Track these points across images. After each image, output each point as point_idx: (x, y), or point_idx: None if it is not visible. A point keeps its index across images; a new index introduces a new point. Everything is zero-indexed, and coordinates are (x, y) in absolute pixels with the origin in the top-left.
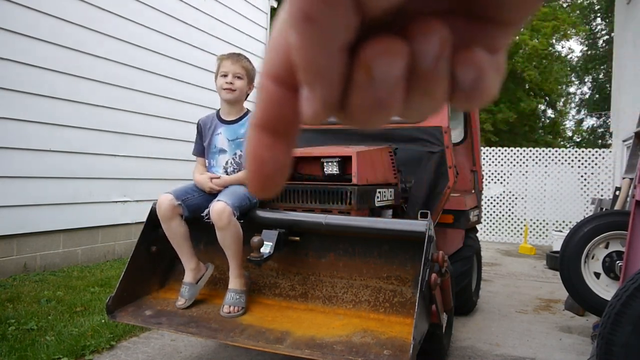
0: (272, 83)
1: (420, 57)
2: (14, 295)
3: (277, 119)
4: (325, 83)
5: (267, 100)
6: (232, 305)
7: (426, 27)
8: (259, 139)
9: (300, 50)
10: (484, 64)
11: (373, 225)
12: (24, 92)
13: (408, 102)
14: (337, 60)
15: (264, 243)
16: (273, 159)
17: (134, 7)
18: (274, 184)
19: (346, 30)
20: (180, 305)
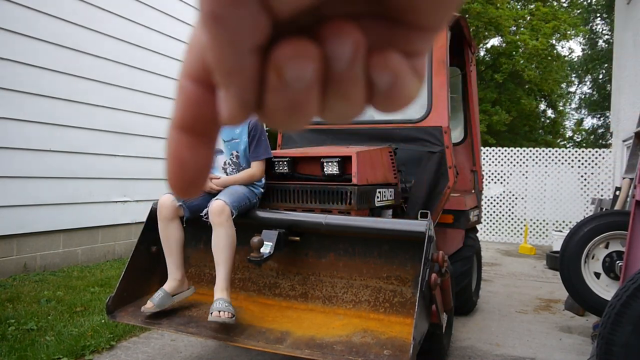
0: (190, 83)
1: (333, 60)
2: (14, 295)
3: (196, 119)
4: (239, 84)
5: (185, 100)
6: (222, 310)
7: (339, 29)
8: (179, 139)
9: (211, 51)
10: (399, 68)
11: (373, 225)
12: (24, 92)
13: (325, 105)
14: (249, 61)
15: (264, 243)
16: (193, 159)
17: (134, 7)
18: (195, 184)
19: (255, 31)
20: (147, 308)
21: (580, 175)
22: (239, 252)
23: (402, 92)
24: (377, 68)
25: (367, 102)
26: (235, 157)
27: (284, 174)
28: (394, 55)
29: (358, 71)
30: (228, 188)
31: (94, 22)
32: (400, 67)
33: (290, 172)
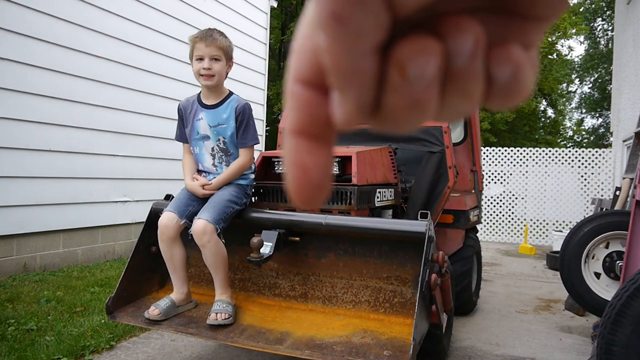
0: (301, 87)
1: (454, 55)
2: (14, 295)
3: (313, 123)
4: (358, 85)
5: (299, 105)
6: (219, 312)
7: (459, 24)
8: (298, 145)
9: (330, 53)
10: (521, 60)
11: (373, 225)
12: (24, 92)
13: (444, 102)
14: (369, 62)
15: (263, 243)
16: (316, 163)
17: (134, 7)
18: (320, 191)
19: (377, 30)
20: (152, 315)
21: (581, 175)
22: (239, 252)
23: (521, 85)
24: (498, 61)
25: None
26: (223, 143)
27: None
28: (516, 48)
29: (478, 65)
30: (212, 200)
31: (94, 22)
32: (521, 59)
33: None
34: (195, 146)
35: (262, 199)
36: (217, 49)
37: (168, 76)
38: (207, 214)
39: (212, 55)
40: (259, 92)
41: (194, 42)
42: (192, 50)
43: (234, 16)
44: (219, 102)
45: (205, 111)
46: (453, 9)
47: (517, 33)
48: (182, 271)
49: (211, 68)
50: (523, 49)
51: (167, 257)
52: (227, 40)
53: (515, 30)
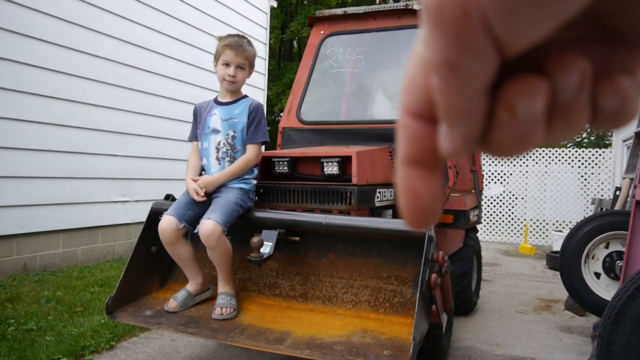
0: (412, 120)
1: (561, 91)
2: (14, 295)
3: (424, 153)
4: (467, 123)
5: (410, 137)
6: (224, 306)
7: (565, 61)
8: (409, 173)
9: (442, 94)
10: (628, 90)
11: (373, 225)
12: (24, 92)
13: (549, 132)
14: (478, 101)
15: (264, 243)
16: (427, 190)
17: (134, 7)
18: (431, 215)
19: (487, 73)
20: (170, 307)
21: (581, 175)
22: (239, 252)
23: (628, 112)
24: (605, 93)
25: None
26: (232, 138)
27: (284, 174)
28: (622, 79)
29: (584, 98)
30: (218, 201)
31: (94, 22)
32: (628, 88)
33: (290, 172)
34: (204, 141)
35: (262, 198)
36: (245, 59)
37: (168, 76)
38: (215, 215)
39: (239, 63)
40: (259, 92)
41: (224, 48)
42: (220, 54)
43: (234, 16)
44: (233, 100)
45: (219, 107)
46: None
47: (622, 60)
48: (192, 265)
49: (235, 76)
50: (629, 76)
51: (173, 257)
52: (253, 50)
53: (619, 58)
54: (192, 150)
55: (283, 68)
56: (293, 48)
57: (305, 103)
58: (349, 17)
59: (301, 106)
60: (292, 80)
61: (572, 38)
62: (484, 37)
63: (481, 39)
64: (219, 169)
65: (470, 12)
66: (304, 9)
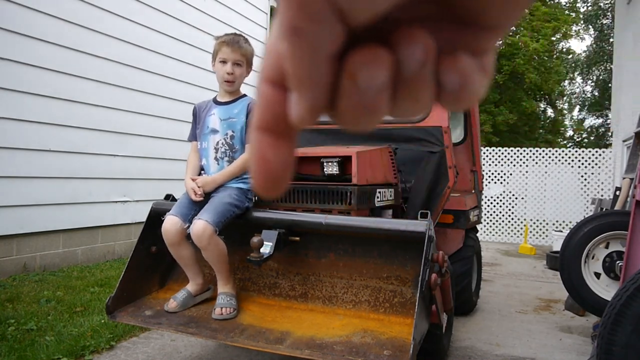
0: (268, 86)
1: (404, 64)
2: (14, 295)
3: (276, 120)
4: (313, 89)
5: (265, 103)
6: (224, 306)
7: (410, 35)
8: (261, 139)
9: (289, 59)
10: (469, 69)
11: (373, 225)
12: (24, 92)
13: (395, 105)
14: (324, 69)
15: (263, 243)
16: (277, 157)
17: (134, 7)
18: (280, 183)
19: (332, 41)
20: (170, 307)
21: (581, 175)
22: (239, 252)
23: (470, 91)
24: (447, 70)
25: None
26: (230, 138)
27: None
28: (464, 57)
29: (428, 74)
30: (212, 201)
31: (94, 22)
32: (469, 68)
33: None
34: (203, 141)
35: (262, 198)
36: (241, 55)
37: (168, 76)
38: (207, 215)
39: (236, 60)
40: None
41: (220, 45)
42: (217, 52)
43: (234, 16)
44: (232, 99)
45: (218, 107)
46: (406, 19)
47: (470, 41)
48: (193, 266)
49: (233, 73)
50: (475, 56)
51: (176, 258)
52: (250, 48)
53: (467, 39)
54: (191, 150)
55: None
56: None
57: None
58: None
59: None
60: None
61: (420, 15)
62: (326, 5)
63: (323, 7)
64: (218, 169)
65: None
66: None
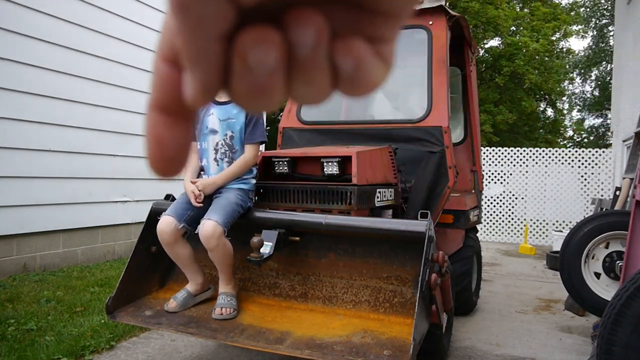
0: (163, 64)
1: (297, 46)
2: (14, 295)
3: (171, 99)
4: (204, 68)
5: (160, 81)
6: (224, 306)
7: (302, 16)
8: (156, 119)
9: (179, 36)
10: (363, 54)
11: (373, 225)
12: (24, 92)
13: (291, 89)
14: (214, 47)
15: (264, 243)
16: (171, 137)
17: (134, 7)
18: (175, 163)
19: (220, 19)
20: (170, 308)
21: (580, 175)
22: (239, 252)
23: (366, 77)
24: (340, 54)
25: (332, 87)
26: (230, 138)
27: (284, 174)
28: (357, 41)
29: (321, 57)
30: (219, 201)
31: (94, 22)
32: (364, 53)
33: (290, 172)
34: (202, 141)
35: (262, 199)
36: None
37: None
38: (216, 216)
39: None
40: None
41: None
42: None
43: None
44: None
45: (217, 107)
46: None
47: (365, 26)
48: (191, 266)
49: None
50: (370, 42)
51: (172, 257)
52: None
53: (362, 24)
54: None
55: None
56: None
57: None
58: None
59: (301, 106)
60: None
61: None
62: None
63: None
64: (218, 170)
65: None
66: None
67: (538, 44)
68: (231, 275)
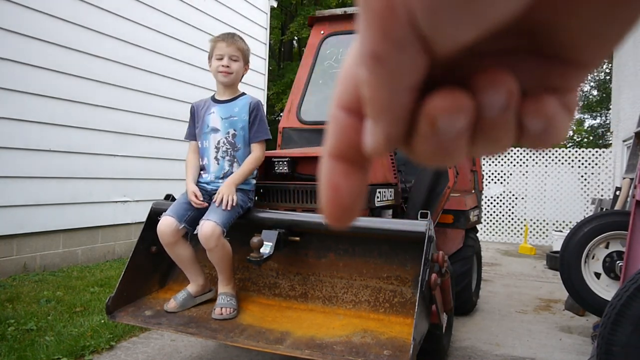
0: (343, 113)
1: (486, 108)
2: (14, 295)
3: (350, 148)
4: (390, 120)
5: (339, 130)
6: (224, 306)
7: (493, 78)
8: (334, 167)
9: (368, 87)
10: (553, 111)
11: (373, 225)
12: (24, 92)
13: (473, 146)
14: (403, 100)
15: (264, 243)
16: (348, 185)
17: (134, 7)
18: (350, 212)
19: (414, 71)
20: (170, 308)
21: (580, 175)
22: (239, 252)
23: (553, 133)
24: (530, 114)
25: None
26: (232, 137)
27: (284, 174)
28: (549, 100)
29: (510, 118)
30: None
31: (94, 22)
32: (554, 110)
33: (290, 172)
34: (203, 140)
35: (262, 199)
36: (237, 49)
37: (168, 76)
38: (215, 216)
39: (232, 54)
40: (259, 92)
41: (215, 42)
42: (213, 50)
43: (234, 16)
44: (232, 98)
45: (218, 105)
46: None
47: (555, 78)
48: (192, 266)
49: (230, 66)
50: (558, 98)
51: (173, 258)
52: (246, 45)
53: (553, 75)
54: (190, 151)
55: (283, 68)
56: (293, 48)
57: (306, 103)
58: (349, 17)
59: (301, 106)
60: (292, 80)
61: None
62: (409, 31)
63: (406, 33)
64: (218, 169)
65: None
66: (303, 9)
67: None
68: (231, 276)
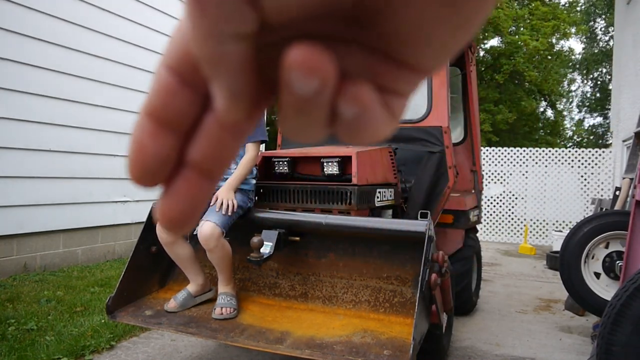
0: (166, 72)
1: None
2: (14, 295)
3: (165, 108)
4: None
5: (158, 88)
6: (224, 306)
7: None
8: (144, 125)
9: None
10: (369, 103)
11: (373, 225)
12: (24, 92)
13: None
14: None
15: (264, 243)
16: (154, 147)
17: (134, 7)
18: (151, 174)
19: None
20: (170, 308)
21: (580, 175)
22: (239, 252)
23: (367, 127)
24: (344, 98)
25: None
26: None
27: (284, 174)
28: (365, 88)
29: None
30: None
31: (94, 22)
32: (370, 102)
33: (290, 172)
34: None
35: (262, 199)
36: None
37: None
38: (215, 217)
39: None
40: None
41: None
42: None
43: None
44: None
45: None
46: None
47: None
48: (192, 266)
49: None
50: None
51: (172, 258)
52: None
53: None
54: None
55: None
56: None
57: None
58: None
59: None
60: None
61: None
62: None
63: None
64: None
65: None
66: None
67: (538, 42)
68: (231, 276)
